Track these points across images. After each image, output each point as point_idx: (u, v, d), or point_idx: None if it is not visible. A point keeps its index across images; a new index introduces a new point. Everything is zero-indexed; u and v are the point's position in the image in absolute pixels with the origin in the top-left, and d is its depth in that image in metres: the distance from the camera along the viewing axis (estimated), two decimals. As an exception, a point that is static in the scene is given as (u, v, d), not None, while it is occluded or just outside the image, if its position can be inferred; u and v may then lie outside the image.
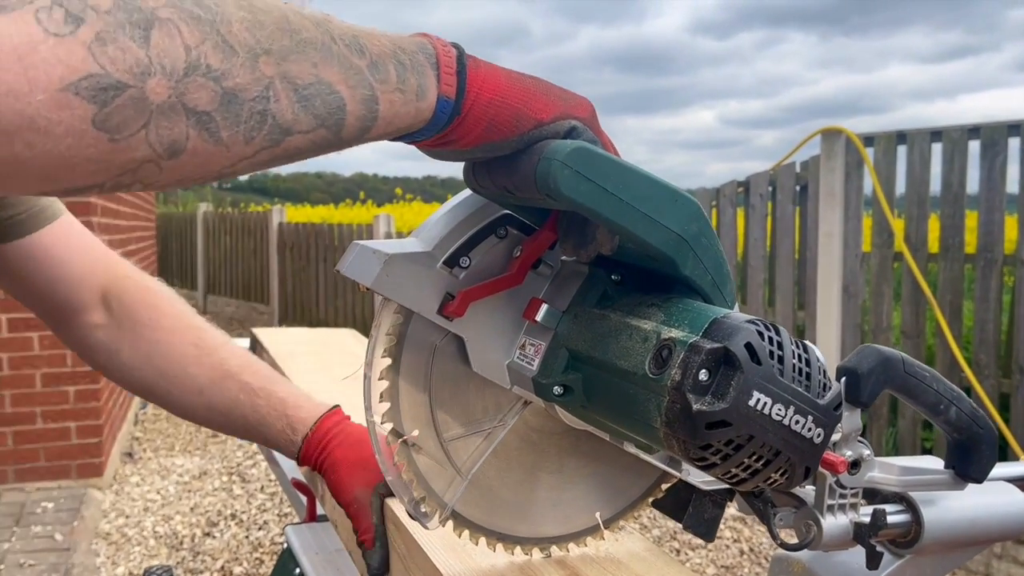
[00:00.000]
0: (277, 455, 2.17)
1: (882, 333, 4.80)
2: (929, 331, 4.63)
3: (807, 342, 0.63)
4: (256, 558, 3.84)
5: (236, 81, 0.48)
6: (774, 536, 0.84)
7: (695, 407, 0.56)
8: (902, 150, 4.68)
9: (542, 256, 0.74)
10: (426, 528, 0.79)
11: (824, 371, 0.62)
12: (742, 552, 3.98)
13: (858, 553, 0.98)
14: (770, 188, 5.33)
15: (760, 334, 0.58)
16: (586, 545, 0.88)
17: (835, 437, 0.83)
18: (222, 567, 3.76)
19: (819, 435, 0.61)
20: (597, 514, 0.85)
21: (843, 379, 0.84)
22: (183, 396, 1.11)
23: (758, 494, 0.83)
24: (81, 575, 3.65)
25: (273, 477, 4.65)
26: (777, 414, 0.58)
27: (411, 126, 0.59)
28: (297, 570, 1.66)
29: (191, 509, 4.41)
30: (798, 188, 5.24)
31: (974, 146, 4.37)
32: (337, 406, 1.14)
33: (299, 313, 9.75)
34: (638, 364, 0.62)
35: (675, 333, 0.60)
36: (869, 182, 4.82)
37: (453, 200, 0.75)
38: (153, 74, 0.45)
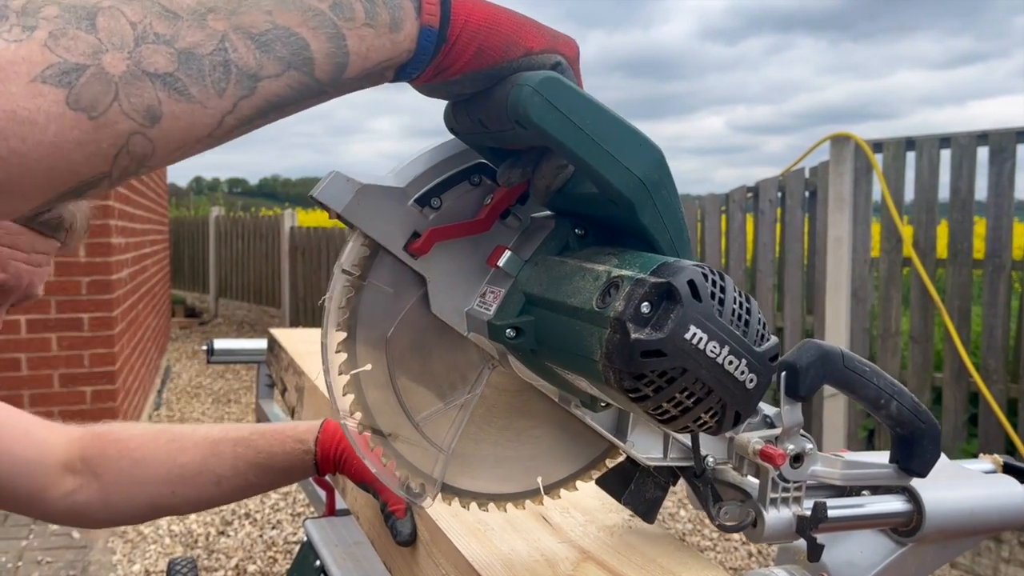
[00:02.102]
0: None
1: (890, 338, 4.82)
2: (938, 336, 4.65)
3: (751, 296, 0.65)
4: (270, 556, 3.89)
5: (188, 40, 0.51)
6: (712, 518, 0.85)
7: (633, 336, 0.58)
8: (911, 156, 4.70)
9: (512, 208, 0.76)
10: (422, 508, 0.81)
11: (764, 324, 0.64)
12: (750, 554, 4.01)
13: (860, 541, 1.02)
14: (779, 194, 5.36)
15: (704, 276, 0.60)
16: (524, 508, 0.87)
17: (776, 431, 0.84)
18: (236, 565, 3.81)
19: (752, 380, 0.62)
20: (539, 478, 0.86)
21: (783, 373, 0.85)
22: (188, 488, 1.11)
23: (699, 473, 0.84)
24: (98, 572, 3.70)
25: (286, 478, 4.69)
26: (712, 351, 0.60)
27: (392, 59, 0.60)
28: (317, 562, 1.70)
29: (205, 509, 4.46)
30: (807, 194, 5.27)
31: (983, 152, 4.40)
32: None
33: (310, 316, 9.81)
34: (586, 300, 0.63)
35: (625, 272, 0.62)
36: (878, 188, 4.85)
37: (433, 144, 0.76)
38: (106, 51, 0.49)
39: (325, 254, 9.51)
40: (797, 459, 0.85)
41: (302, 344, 2.15)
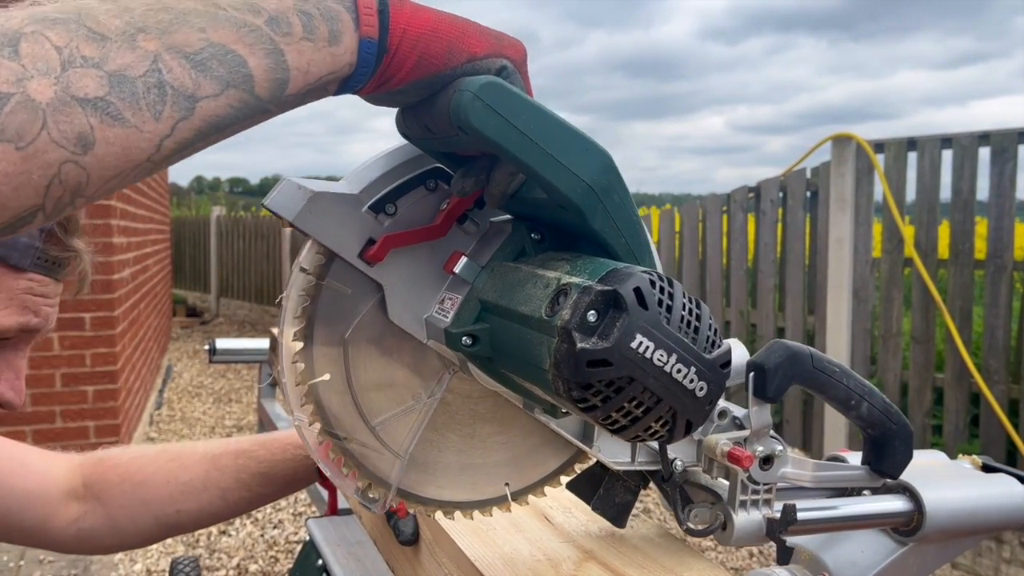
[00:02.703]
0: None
1: (892, 338, 4.82)
2: (939, 337, 4.65)
3: (702, 302, 0.64)
4: (271, 556, 3.89)
5: (119, 63, 0.49)
6: (680, 522, 0.84)
7: (579, 345, 0.57)
8: (912, 156, 4.71)
9: (469, 212, 0.74)
10: (375, 513, 0.80)
11: (715, 331, 0.62)
12: (751, 554, 4.01)
13: (861, 541, 1.02)
14: (781, 194, 5.36)
15: (651, 283, 0.59)
16: (491, 515, 0.86)
17: (744, 433, 0.83)
18: (238, 565, 3.81)
19: (702, 388, 0.61)
20: (505, 485, 0.85)
21: (751, 374, 0.84)
22: (193, 505, 1.11)
23: (667, 478, 0.83)
24: (100, 571, 3.71)
25: (287, 477, 4.70)
26: (659, 359, 0.58)
27: (334, 72, 0.59)
28: (319, 562, 1.71)
29: (207, 508, 4.47)
30: (809, 194, 5.27)
31: (984, 153, 4.40)
32: None
33: (311, 316, 9.81)
34: (536, 308, 0.62)
35: (574, 279, 0.61)
36: (879, 188, 4.85)
37: (387, 148, 0.75)
38: (31, 77, 0.47)
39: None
40: (767, 461, 0.84)
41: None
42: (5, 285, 0.83)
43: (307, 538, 1.81)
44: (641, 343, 0.57)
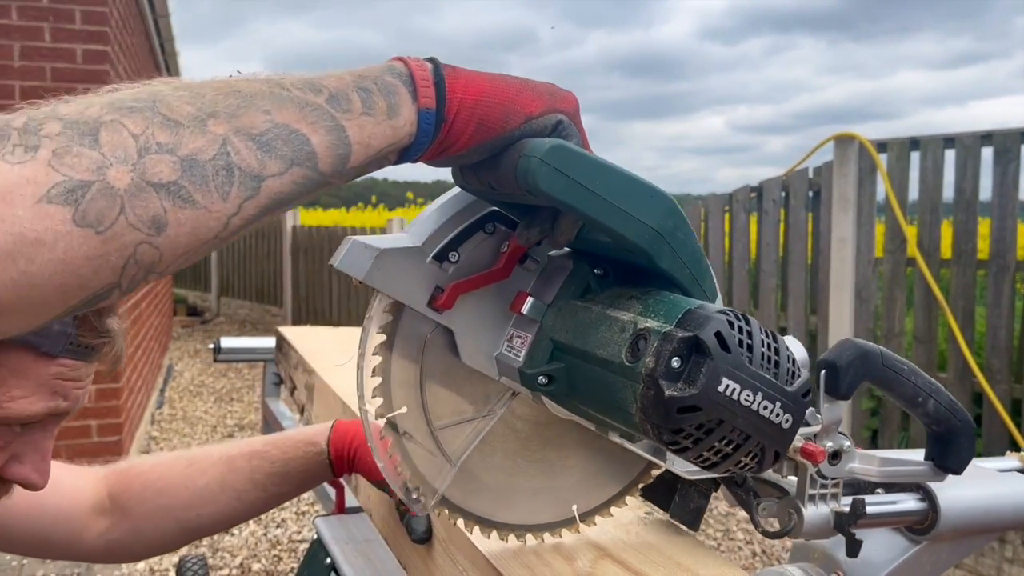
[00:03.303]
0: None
1: (894, 338, 4.82)
2: (941, 336, 4.66)
3: (777, 334, 0.65)
4: (274, 555, 3.89)
5: (190, 147, 0.52)
6: (756, 524, 0.86)
7: (667, 393, 0.59)
8: (915, 156, 4.71)
9: (528, 251, 0.77)
10: (417, 515, 0.82)
11: (793, 360, 0.64)
12: (754, 554, 4.02)
13: (875, 539, 1.02)
14: (783, 194, 5.36)
15: (730, 323, 0.61)
16: (560, 536, 0.89)
17: (815, 428, 0.85)
18: (241, 564, 3.81)
19: (787, 421, 0.63)
20: (574, 507, 0.87)
21: (823, 372, 0.86)
22: (211, 508, 1.13)
23: (740, 483, 0.86)
24: (103, 570, 3.71)
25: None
26: (746, 400, 0.60)
27: (394, 144, 0.61)
28: (327, 560, 1.70)
29: (209, 507, 4.46)
30: (811, 194, 5.28)
31: (987, 153, 4.40)
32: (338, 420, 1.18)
33: (312, 315, 9.81)
34: (615, 353, 0.64)
35: (650, 323, 0.63)
36: (882, 188, 4.85)
37: (443, 197, 0.77)
38: (110, 165, 0.50)
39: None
40: (835, 456, 0.86)
41: (311, 342, 2.15)
42: (35, 372, 0.81)
43: (314, 536, 1.81)
44: (727, 386, 0.60)
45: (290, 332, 2.30)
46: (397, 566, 1.46)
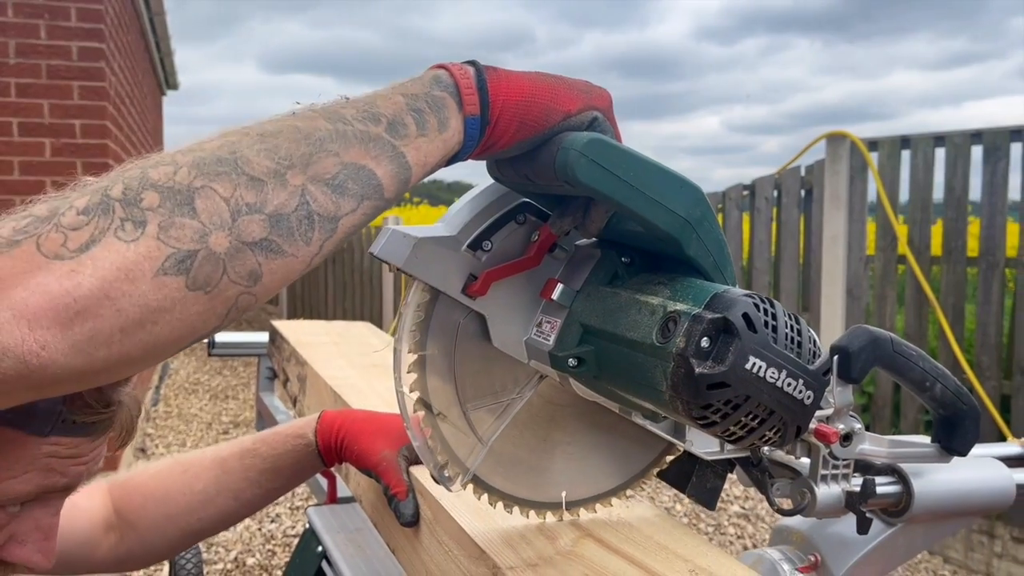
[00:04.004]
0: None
1: (885, 335, 4.85)
2: (932, 333, 4.69)
3: (800, 317, 0.69)
4: (268, 549, 3.91)
5: (275, 204, 0.58)
6: (771, 503, 0.90)
7: (697, 370, 0.62)
8: (906, 155, 4.74)
9: (558, 241, 0.80)
10: (449, 491, 0.85)
11: (815, 341, 0.69)
12: (745, 548, 4.05)
13: (851, 522, 1.05)
14: (775, 192, 5.39)
15: (756, 306, 0.65)
16: (595, 511, 0.93)
17: (828, 411, 0.89)
18: (235, 558, 3.83)
19: (809, 397, 0.67)
20: (563, 493, 0.91)
21: (835, 357, 0.90)
22: (210, 510, 1.15)
23: (756, 463, 0.89)
24: (98, 565, 3.73)
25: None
26: (771, 377, 0.64)
27: (447, 154, 0.66)
28: (319, 548, 1.73)
29: (204, 503, 4.48)
30: (803, 192, 5.31)
31: (977, 151, 4.43)
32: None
33: (307, 313, 9.83)
34: (646, 335, 0.68)
35: (680, 306, 0.67)
36: (873, 186, 4.89)
37: (476, 189, 0.81)
38: (210, 233, 0.56)
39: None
40: (847, 438, 0.90)
41: (304, 335, 2.17)
42: (25, 452, 0.75)
43: (306, 526, 1.83)
44: (754, 364, 0.63)
45: (283, 325, 2.32)
46: (387, 553, 1.49)
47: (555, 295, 0.79)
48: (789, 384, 0.65)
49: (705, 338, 0.63)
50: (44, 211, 0.55)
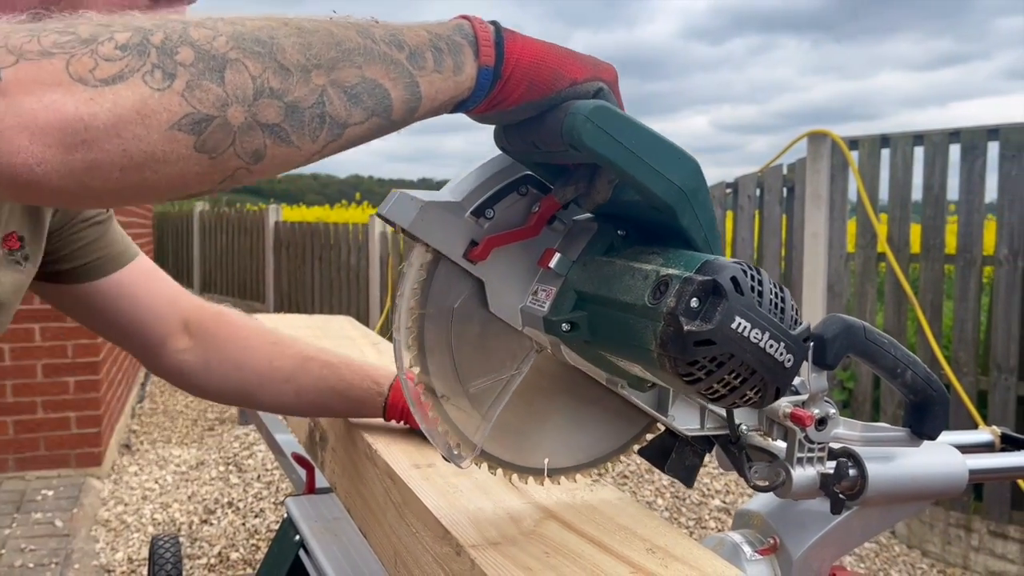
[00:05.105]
0: (276, 433, 2.27)
1: (865, 332, 4.91)
2: (911, 330, 4.75)
3: (784, 286, 0.73)
4: (252, 544, 3.93)
5: (295, 95, 0.60)
6: (747, 480, 0.93)
7: (686, 328, 0.66)
8: (886, 153, 4.79)
9: (557, 213, 0.84)
10: (460, 467, 0.88)
11: (797, 309, 0.72)
12: (699, 520, 4.08)
13: (807, 504, 1.09)
14: (758, 190, 5.44)
15: (744, 272, 0.69)
16: (575, 480, 0.96)
17: (803, 396, 0.92)
18: (219, 553, 3.85)
19: (789, 360, 0.71)
20: (545, 460, 0.93)
21: (810, 344, 0.92)
22: (273, 388, 1.23)
23: (734, 441, 0.92)
24: (81, 560, 3.74)
25: (269, 466, 4.73)
26: (755, 337, 0.68)
27: (456, 97, 0.69)
28: (296, 537, 1.76)
29: (188, 497, 4.49)
30: (785, 190, 5.35)
31: (955, 150, 4.49)
32: None
33: (294, 310, 9.83)
34: (639, 297, 0.71)
35: (672, 271, 0.70)
36: (854, 184, 4.94)
37: (482, 160, 0.85)
38: (231, 104, 0.58)
39: (310, 249, 9.53)
40: (822, 422, 0.93)
41: (285, 327, 2.19)
42: None
43: (285, 515, 1.86)
44: (740, 324, 0.67)
45: (266, 319, 2.34)
46: (362, 541, 1.52)
47: (552, 263, 0.82)
48: (771, 346, 0.69)
49: (694, 299, 0.66)
50: (86, 33, 0.56)
